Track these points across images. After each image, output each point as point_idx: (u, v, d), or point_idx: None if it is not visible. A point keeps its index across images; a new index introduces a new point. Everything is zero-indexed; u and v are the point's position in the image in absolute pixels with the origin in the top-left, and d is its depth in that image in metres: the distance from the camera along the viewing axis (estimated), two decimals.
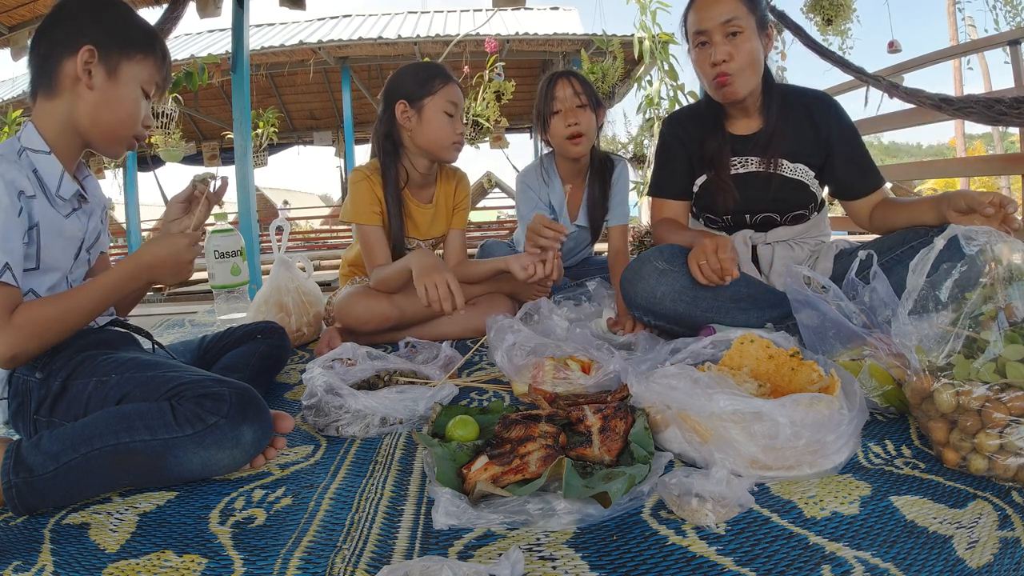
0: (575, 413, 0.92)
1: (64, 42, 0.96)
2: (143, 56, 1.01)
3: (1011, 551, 0.60)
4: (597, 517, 0.69)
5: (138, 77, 1.01)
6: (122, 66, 0.99)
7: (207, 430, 0.81)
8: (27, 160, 0.95)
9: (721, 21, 1.28)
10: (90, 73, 0.96)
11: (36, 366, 0.92)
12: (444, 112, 1.56)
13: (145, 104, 1.04)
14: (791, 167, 1.40)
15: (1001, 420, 0.72)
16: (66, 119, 0.98)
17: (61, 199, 0.98)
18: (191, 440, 0.81)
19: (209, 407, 0.82)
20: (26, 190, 0.90)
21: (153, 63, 1.03)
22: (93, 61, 0.96)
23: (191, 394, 0.84)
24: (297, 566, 0.63)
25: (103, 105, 0.98)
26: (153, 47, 1.03)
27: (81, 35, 0.96)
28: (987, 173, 6.76)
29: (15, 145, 0.96)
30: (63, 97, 0.97)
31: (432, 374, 1.21)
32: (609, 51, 4.75)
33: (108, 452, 0.79)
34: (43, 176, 0.96)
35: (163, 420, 0.81)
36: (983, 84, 10.40)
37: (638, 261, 1.39)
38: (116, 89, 0.99)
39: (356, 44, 6.06)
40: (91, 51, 0.95)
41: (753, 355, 1.00)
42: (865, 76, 2.93)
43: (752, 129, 1.42)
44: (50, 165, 0.97)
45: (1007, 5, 5.38)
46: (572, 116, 1.72)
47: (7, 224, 0.86)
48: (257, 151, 6.23)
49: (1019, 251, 0.81)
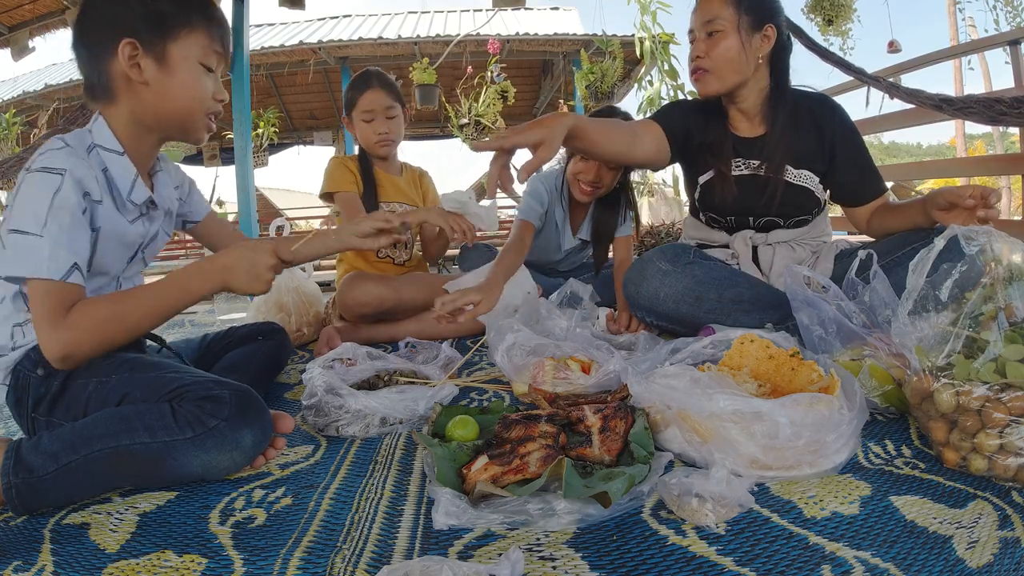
0: (575, 413, 0.92)
1: (101, 42, 0.90)
2: (189, 30, 0.92)
3: (1011, 551, 0.60)
4: (597, 517, 0.69)
5: (192, 54, 0.92)
6: (170, 50, 0.91)
7: (207, 433, 0.81)
8: (97, 158, 0.90)
9: (704, 20, 1.32)
10: (139, 67, 0.89)
11: (38, 362, 0.90)
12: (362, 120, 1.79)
13: (210, 78, 0.96)
14: (796, 173, 1.39)
15: (1001, 420, 0.72)
16: (133, 119, 0.93)
17: (132, 203, 0.94)
18: (191, 443, 0.80)
19: (209, 410, 0.82)
20: (92, 193, 0.87)
21: (204, 32, 0.94)
22: (137, 54, 0.89)
23: (192, 396, 0.83)
24: (297, 566, 0.63)
25: (163, 97, 0.92)
26: (198, 15, 0.93)
27: (115, 30, 0.88)
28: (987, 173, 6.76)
29: (85, 139, 0.91)
30: (122, 99, 0.92)
31: (432, 374, 1.21)
32: (609, 51, 4.75)
33: (108, 454, 0.79)
34: (114, 178, 0.91)
35: (163, 422, 0.80)
36: (983, 84, 10.39)
37: (641, 262, 1.39)
38: (172, 76, 0.91)
39: (356, 44, 6.06)
40: (132, 44, 0.88)
41: (753, 355, 1.00)
42: (866, 77, 2.92)
43: (755, 133, 1.41)
44: (123, 167, 0.92)
45: (1007, 5, 5.39)
46: (595, 174, 1.69)
47: (74, 224, 0.83)
48: (257, 151, 6.23)
49: (1019, 251, 0.81)
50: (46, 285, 0.81)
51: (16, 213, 0.82)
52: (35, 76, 7.06)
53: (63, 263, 0.82)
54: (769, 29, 1.32)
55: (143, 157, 0.97)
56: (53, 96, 5.99)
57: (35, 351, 0.89)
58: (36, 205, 0.82)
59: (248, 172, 3.15)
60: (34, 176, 0.83)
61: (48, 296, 0.81)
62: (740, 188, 1.41)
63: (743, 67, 1.33)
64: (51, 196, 0.82)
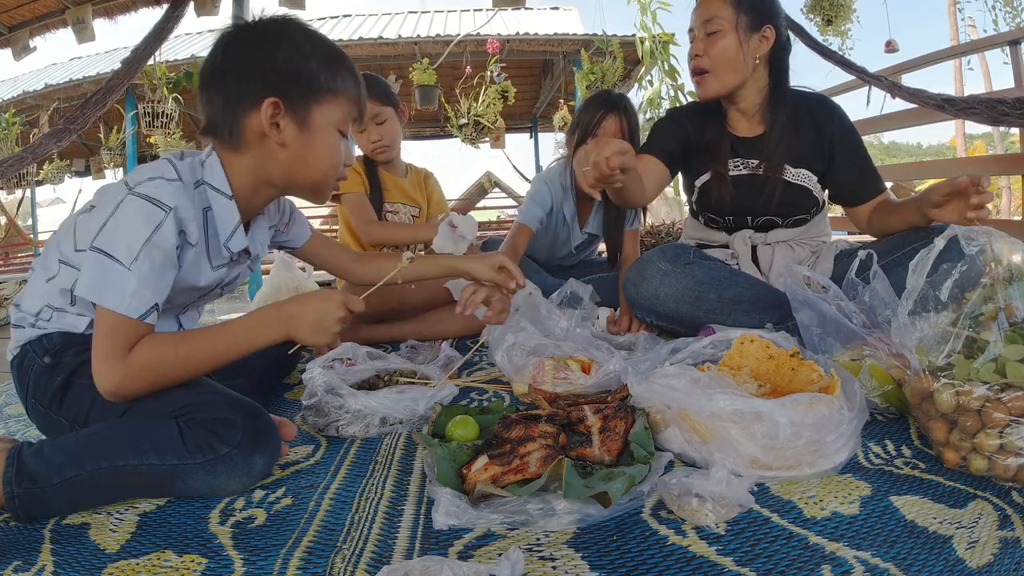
0: (575, 413, 0.92)
1: (242, 94, 0.85)
2: (334, 94, 0.88)
3: (1011, 551, 0.60)
4: (597, 517, 0.69)
5: (333, 120, 0.89)
6: (313, 113, 0.87)
7: (218, 460, 0.78)
8: (203, 195, 0.87)
9: (703, 20, 1.33)
10: (278, 127, 0.86)
11: (48, 351, 0.87)
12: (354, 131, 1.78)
13: (345, 145, 0.93)
14: (794, 172, 1.40)
15: (1001, 420, 0.72)
16: (257, 173, 0.89)
17: (227, 249, 0.91)
18: (201, 468, 0.78)
19: (222, 436, 0.79)
20: (190, 236, 0.84)
21: (346, 98, 0.90)
22: (280, 113, 0.85)
23: (202, 418, 0.80)
24: (297, 566, 0.63)
25: (299, 161, 0.88)
26: (344, 80, 0.90)
27: (260, 85, 0.84)
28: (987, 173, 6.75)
29: (196, 172, 0.87)
30: (250, 152, 0.88)
31: (432, 374, 1.21)
32: (609, 51, 4.74)
33: (115, 471, 0.77)
34: (216, 220, 0.88)
35: (172, 445, 0.78)
36: (983, 84, 10.40)
37: (641, 262, 1.40)
38: (311, 141, 0.88)
39: (356, 44, 6.05)
40: (276, 104, 0.84)
41: (753, 355, 1.00)
42: (867, 76, 2.92)
43: (754, 132, 1.42)
44: (228, 212, 0.89)
45: (1007, 5, 5.38)
46: None
47: (165, 265, 0.81)
48: None
49: (1019, 251, 0.81)
50: (120, 320, 0.79)
51: (108, 234, 0.79)
52: (35, 76, 7.05)
53: (145, 303, 0.79)
54: (767, 30, 1.33)
55: (252, 207, 0.94)
56: (53, 96, 5.98)
57: (50, 338, 0.87)
58: (132, 236, 0.78)
59: None
60: (137, 203, 0.79)
61: (117, 331, 0.79)
62: (738, 188, 1.42)
63: (741, 67, 1.33)
64: (150, 232, 0.79)
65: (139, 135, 5.47)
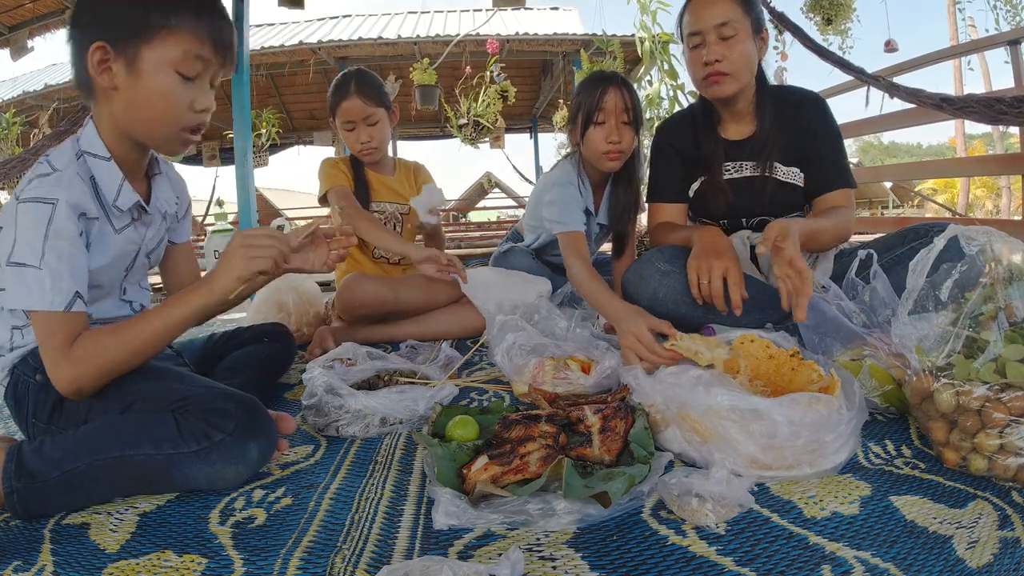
0: (575, 413, 0.92)
1: (79, 41, 0.85)
2: (167, 32, 0.83)
3: (1011, 551, 0.60)
4: (597, 517, 0.69)
5: (167, 60, 0.84)
6: (142, 54, 0.83)
7: (213, 447, 0.79)
8: (84, 166, 0.88)
9: (716, 23, 1.30)
10: (110, 71, 0.84)
11: (37, 368, 0.88)
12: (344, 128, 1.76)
13: (191, 87, 0.87)
14: (785, 170, 1.41)
15: (1001, 420, 0.72)
16: (112, 123, 0.89)
17: (118, 209, 0.91)
18: (196, 456, 0.79)
19: (216, 424, 0.80)
20: (89, 211, 0.85)
21: (187, 35, 0.84)
22: (109, 58, 0.83)
23: (197, 409, 0.82)
24: (297, 566, 0.63)
25: (132, 104, 0.86)
26: (183, 17, 0.84)
27: (90, 30, 0.84)
28: (987, 173, 6.77)
29: (73, 148, 0.88)
30: (100, 101, 0.88)
31: (432, 374, 1.21)
32: (609, 51, 4.75)
33: (112, 463, 0.78)
34: (101, 185, 0.89)
35: (167, 434, 0.79)
36: (983, 84, 10.39)
37: (640, 263, 1.39)
38: (141, 83, 0.84)
39: (356, 44, 6.06)
40: (101, 48, 0.83)
41: (753, 355, 1.00)
42: (865, 76, 2.92)
43: (745, 134, 1.43)
44: (109, 173, 0.90)
45: (1007, 5, 5.38)
46: (616, 133, 1.54)
47: (72, 252, 0.82)
48: (259, 151, 6.23)
49: (1019, 251, 0.81)
50: (49, 316, 0.80)
51: (13, 245, 0.81)
52: (35, 76, 7.05)
53: (65, 293, 0.81)
54: (765, 32, 1.36)
55: (131, 162, 0.94)
56: (53, 96, 5.99)
57: (34, 355, 0.88)
58: (31, 236, 0.80)
59: (248, 172, 3.15)
60: (26, 207, 0.82)
61: (51, 329, 0.81)
62: (734, 192, 1.43)
63: (754, 70, 1.35)
64: (45, 227, 0.81)
65: None
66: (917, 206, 14.76)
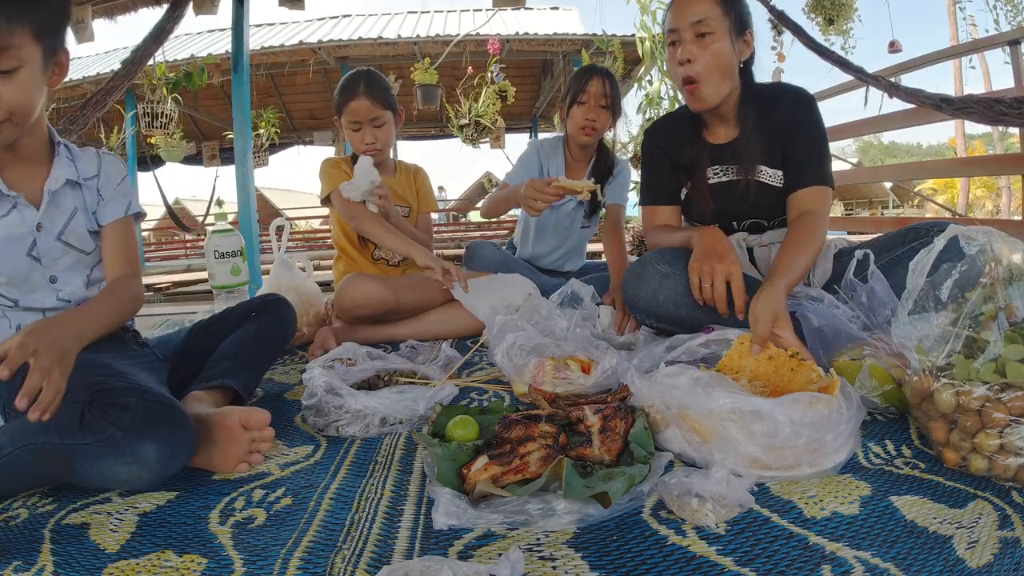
0: (575, 413, 0.92)
1: None
2: None
3: (1011, 551, 0.60)
4: (597, 517, 0.69)
5: None
6: None
7: (104, 440, 0.77)
8: None
9: (692, 21, 1.26)
10: None
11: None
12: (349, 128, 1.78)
13: None
14: (771, 173, 1.36)
15: (1001, 420, 0.72)
16: None
17: None
18: (91, 448, 0.77)
19: (112, 417, 0.77)
20: None
21: None
22: None
23: (102, 401, 0.79)
24: (297, 566, 0.63)
25: None
26: None
27: None
28: (987, 173, 6.76)
29: None
30: None
31: (432, 374, 1.21)
32: (609, 51, 4.75)
33: (31, 450, 0.79)
34: None
35: (72, 424, 0.78)
36: (983, 84, 10.39)
37: (639, 264, 1.39)
38: None
39: (356, 44, 6.06)
40: None
41: (752, 355, 1.00)
42: (865, 76, 2.93)
43: (729, 137, 1.40)
44: None
45: (1007, 5, 5.38)
46: (593, 112, 1.89)
47: None
48: (258, 151, 6.23)
49: (1019, 251, 0.81)
50: None
51: None
52: None
53: None
54: (749, 35, 1.31)
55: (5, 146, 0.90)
56: (53, 96, 5.99)
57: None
58: None
59: (248, 172, 3.15)
60: None
61: None
62: (719, 196, 1.40)
63: (734, 73, 1.30)
64: None
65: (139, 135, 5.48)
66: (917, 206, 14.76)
